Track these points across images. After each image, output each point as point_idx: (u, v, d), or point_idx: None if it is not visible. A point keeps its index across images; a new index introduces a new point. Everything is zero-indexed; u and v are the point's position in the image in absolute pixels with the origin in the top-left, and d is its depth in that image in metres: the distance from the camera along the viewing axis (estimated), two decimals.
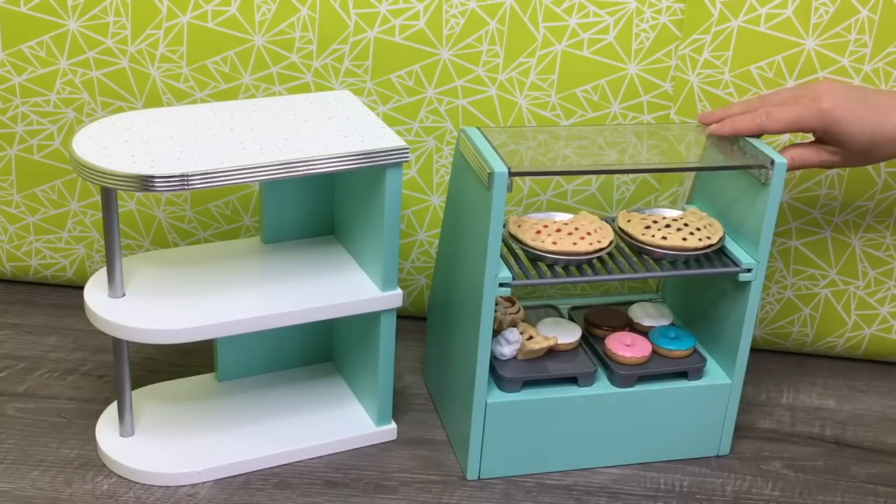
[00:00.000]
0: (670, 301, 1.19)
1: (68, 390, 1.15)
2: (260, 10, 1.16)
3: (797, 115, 1.02)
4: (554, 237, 1.02)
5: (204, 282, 1.05)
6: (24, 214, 1.27)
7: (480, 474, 1.06)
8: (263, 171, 0.95)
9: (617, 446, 1.08)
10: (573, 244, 1.01)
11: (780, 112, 1.02)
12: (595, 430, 1.07)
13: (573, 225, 1.05)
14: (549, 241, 1.01)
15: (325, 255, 1.11)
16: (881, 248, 1.21)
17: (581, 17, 1.15)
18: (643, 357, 1.06)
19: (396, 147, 0.99)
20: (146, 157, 0.94)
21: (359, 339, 1.10)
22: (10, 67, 1.20)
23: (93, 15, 1.17)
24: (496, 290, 0.98)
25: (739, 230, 1.06)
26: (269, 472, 1.05)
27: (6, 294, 1.32)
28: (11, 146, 1.24)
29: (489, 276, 0.97)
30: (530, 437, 1.05)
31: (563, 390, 1.05)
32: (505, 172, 0.94)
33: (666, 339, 1.08)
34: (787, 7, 1.12)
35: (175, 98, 1.20)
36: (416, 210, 1.24)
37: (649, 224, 1.06)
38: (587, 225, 1.05)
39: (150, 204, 1.26)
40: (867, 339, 1.25)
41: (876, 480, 1.09)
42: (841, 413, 1.19)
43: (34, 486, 1.01)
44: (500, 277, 0.98)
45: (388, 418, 1.10)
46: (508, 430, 1.04)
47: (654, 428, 1.08)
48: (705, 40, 1.14)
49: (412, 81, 1.18)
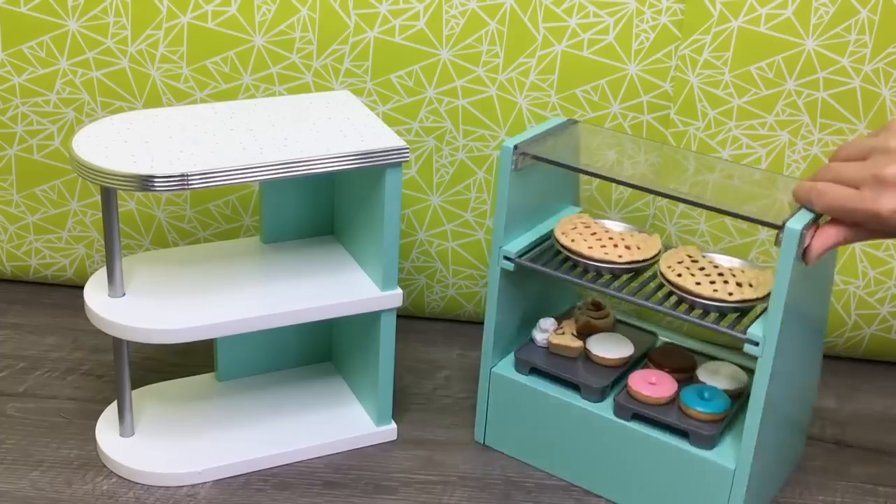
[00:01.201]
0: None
1: (68, 390, 1.15)
2: (260, 11, 1.16)
3: (848, 207, 0.86)
4: (591, 241, 1.02)
5: (204, 282, 1.05)
6: (24, 214, 1.27)
7: (485, 440, 1.10)
8: (263, 171, 0.95)
9: (616, 481, 1.02)
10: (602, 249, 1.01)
11: (833, 194, 0.88)
12: (588, 451, 1.03)
13: (622, 236, 1.03)
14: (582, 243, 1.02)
15: (325, 255, 1.11)
16: (881, 248, 1.21)
17: (581, 17, 1.15)
18: (658, 398, 1.00)
19: (396, 147, 0.99)
20: (146, 157, 0.94)
21: (359, 339, 1.10)
22: (10, 67, 1.20)
23: (93, 15, 1.17)
24: (500, 261, 1.02)
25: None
26: (269, 472, 1.05)
27: (6, 294, 1.32)
28: (11, 146, 1.24)
29: (495, 247, 1.03)
30: (527, 424, 1.06)
31: (564, 393, 1.04)
32: (510, 148, 1.00)
33: (694, 395, 0.99)
34: (787, 7, 1.12)
35: (175, 98, 1.20)
36: (416, 210, 1.24)
37: (700, 270, 0.99)
38: (633, 239, 1.03)
39: (150, 204, 1.26)
40: (867, 339, 1.25)
41: (876, 480, 1.09)
42: (841, 413, 1.19)
43: (34, 487, 1.01)
44: (503, 250, 1.02)
45: (388, 418, 1.10)
46: (508, 407, 1.07)
47: (647, 478, 1.01)
48: (705, 40, 1.14)
49: (412, 81, 1.18)
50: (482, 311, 1.29)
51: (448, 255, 1.26)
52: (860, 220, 0.86)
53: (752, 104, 1.16)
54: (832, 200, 0.87)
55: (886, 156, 0.84)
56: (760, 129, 1.17)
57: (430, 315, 1.31)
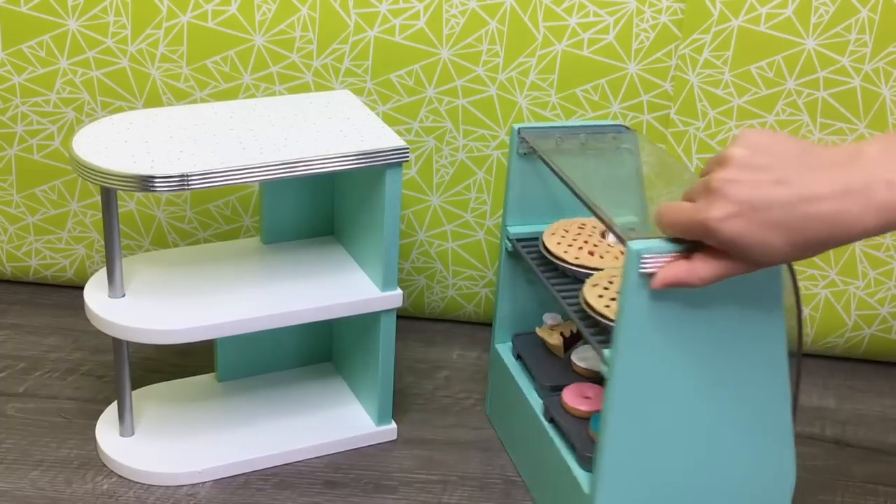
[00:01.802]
0: None
1: (68, 390, 1.15)
2: (260, 10, 1.16)
3: (683, 220, 0.79)
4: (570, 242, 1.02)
5: (204, 282, 1.05)
6: (24, 214, 1.27)
7: (488, 410, 1.15)
8: (263, 171, 0.95)
9: (535, 479, 1.02)
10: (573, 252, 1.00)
11: (670, 209, 0.80)
12: (524, 444, 1.05)
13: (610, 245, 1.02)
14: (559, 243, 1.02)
15: (325, 256, 1.11)
16: (881, 249, 1.21)
17: (581, 16, 1.15)
18: (580, 411, 0.97)
19: (396, 147, 0.99)
20: (146, 157, 0.94)
21: (359, 339, 1.10)
22: (10, 67, 1.20)
23: (93, 15, 1.17)
24: (504, 239, 1.06)
25: None
26: (269, 472, 1.05)
27: (6, 294, 1.32)
28: (11, 146, 1.24)
29: (503, 237, 1.06)
30: (505, 404, 1.10)
31: (525, 384, 1.05)
32: (516, 129, 1.02)
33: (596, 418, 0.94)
34: (787, 7, 1.12)
35: (175, 98, 1.20)
36: (416, 210, 1.24)
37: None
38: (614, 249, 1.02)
39: (150, 204, 1.26)
40: (867, 339, 1.25)
41: (876, 480, 1.09)
42: (841, 413, 1.19)
43: (34, 486, 1.01)
44: (507, 229, 1.06)
45: (388, 418, 1.10)
46: (499, 384, 1.11)
47: (552, 484, 0.99)
48: (705, 40, 1.14)
49: (412, 81, 1.18)
50: (482, 311, 1.29)
51: (448, 255, 1.26)
52: (696, 236, 0.77)
53: (752, 104, 1.16)
54: (670, 216, 0.79)
55: (720, 165, 0.77)
56: (761, 128, 1.17)
57: (430, 315, 1.31)
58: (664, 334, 0.82)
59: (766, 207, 0.74)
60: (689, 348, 0.83)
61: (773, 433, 0.88)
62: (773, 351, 0.85)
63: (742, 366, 0.85)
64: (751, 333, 0.84)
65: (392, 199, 1.00)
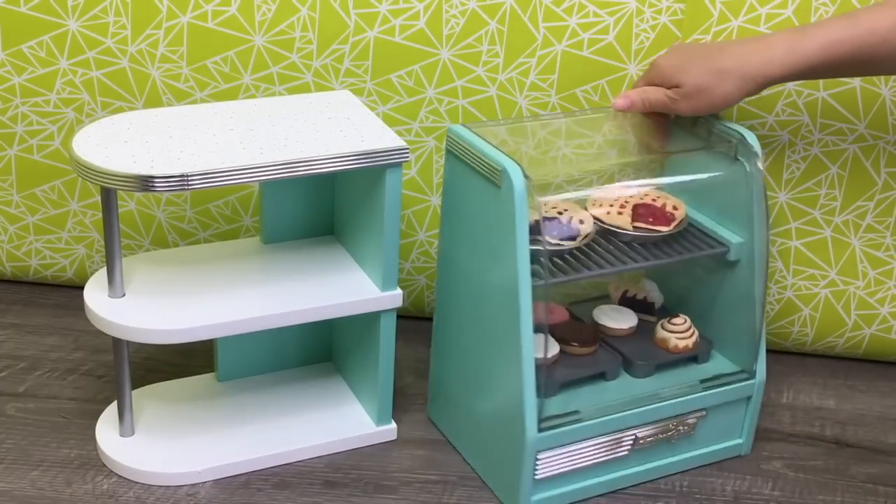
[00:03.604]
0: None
1: (68, 390, 1.15)
2: (260, 10, 1.16)
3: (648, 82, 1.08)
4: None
5: (204, 282, 1.05)
6: (24, 214, 1.27)
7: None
8: (263, 171, 0.95)
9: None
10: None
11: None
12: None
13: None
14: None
15: (325, 255, 1.11)
16: (881, 249, 1.21)
17: (581, 17, 1.15)
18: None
19: (396, 147, 0.99)
20: (146, 157, 0.94)
21: (359, 339, 1.10)
22: (10, 67, 1.20)
23: (93, 15, 1.17)
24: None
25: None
26: (269, 472, 1.05)
27: (6, 294, 1.32)
28: (11, 146, 1.24)
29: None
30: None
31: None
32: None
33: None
34: (787, 7, 1.12)
35: (175, 98, 1.20)
36: (416, 210, 1.24)
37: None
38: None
39: (150, 204, 1.26)
40: (867, 339, 1.25)
41: (876, 480, 1.09)
42: (841, 413, 1.19)
43: (34, 486, 1.01)
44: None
45: (388, 418, 1.10)
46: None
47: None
48: (705, 40, 1.14)
49: (412, 81, 1.18)
50: None
51: None
52: (648, 80, 1.07)
53: (752, 104, 1.16)
54: (631, 90, 1.09)
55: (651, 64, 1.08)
56: (761, 129, 1.17)
57: (430, 315, 1.31)
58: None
59: (690, 47, 1.07)
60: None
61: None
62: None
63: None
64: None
65: (392, 199, 1.00)
